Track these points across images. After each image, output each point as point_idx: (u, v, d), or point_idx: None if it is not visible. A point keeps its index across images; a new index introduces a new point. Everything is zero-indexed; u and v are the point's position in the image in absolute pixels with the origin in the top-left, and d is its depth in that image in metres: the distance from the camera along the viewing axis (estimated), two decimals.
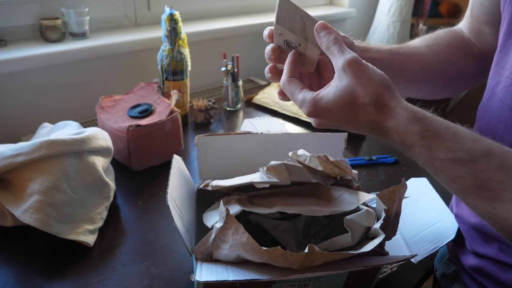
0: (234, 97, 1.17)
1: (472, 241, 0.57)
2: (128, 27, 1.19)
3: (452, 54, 0.62)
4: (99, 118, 0.88)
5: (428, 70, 0.59)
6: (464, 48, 0.62)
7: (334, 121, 0.42)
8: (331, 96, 0.40)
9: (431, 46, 0.61)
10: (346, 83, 0.39)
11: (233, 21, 1.37)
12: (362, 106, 0.39)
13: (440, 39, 0.62)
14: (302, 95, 0.43)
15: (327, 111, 0.41)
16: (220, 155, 0.68)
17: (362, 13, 1.89)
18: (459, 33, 0.64)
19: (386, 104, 0.39)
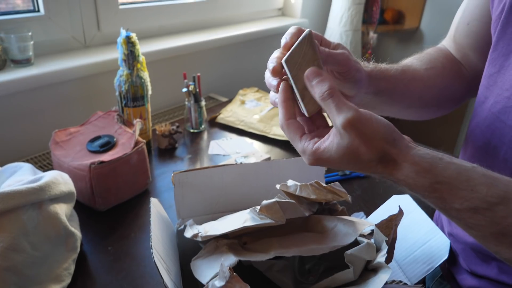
0: (198, 118, 1.12)
1: (469, 261, 0.57)
2: (77, 49, 1.10)
3: (447, 78, 0.61)
4: (54, 156, 0.80)
5: (425, 96, 0.59)
6: (455, 69, 0.62)
7: (338, 166, 0.41)
8: (333, 152, 0.39)
9: (429, 70, 0.60)
10: (348, 142, 0.38)
11: (189, 38, 1.32)
12: (367, 161, 0.38)
13: (435, 61, 0.62)
14: (302, 146, 0.41)
15: (330, 163, 0.40)
16: (199, 191, 0.63)
17: (315, 23, 1.91)
18: (449, 54, 0.64)
19: (392, 160, 0.38)
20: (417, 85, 0.58)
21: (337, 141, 0.38)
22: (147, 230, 0.74)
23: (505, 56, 0.48)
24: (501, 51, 0.48)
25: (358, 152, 0.38)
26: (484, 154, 0.50)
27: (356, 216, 0.74)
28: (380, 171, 0.38)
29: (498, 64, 0.49)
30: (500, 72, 0.48)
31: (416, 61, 0.61)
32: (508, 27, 0.47)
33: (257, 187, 0.66)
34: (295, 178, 0.66)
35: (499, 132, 0.47)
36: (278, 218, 0.48)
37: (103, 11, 1.12)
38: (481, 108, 0.53)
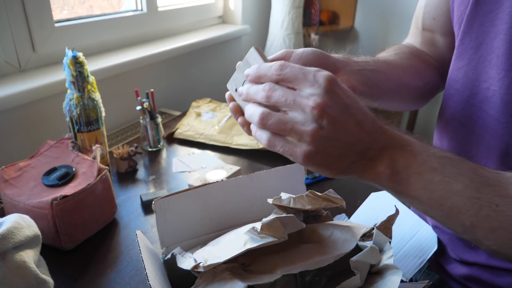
0: (155, 136, 1.07)
1: (457, 250, 0.59)
2: (12, 74, 1.00)
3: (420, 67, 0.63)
4: (4, 196, 0.71)
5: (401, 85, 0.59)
6: (426, 60, 0.64)
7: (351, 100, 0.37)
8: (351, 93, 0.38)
9: (405, 60, 0.61)
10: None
11: (132, 53, 1.26)
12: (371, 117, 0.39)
13: (408, 53, 0.63)
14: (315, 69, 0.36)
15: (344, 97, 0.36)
16: (182, 215, 0.59)
17: (256, 29, 1.92)
18: (415, 47, 0.66)
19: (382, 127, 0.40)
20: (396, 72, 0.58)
21: None
22: (123, 263, 0.69)
23: (474, 49, 0.50)
24: (468, 44, 0.51)
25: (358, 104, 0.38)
26: (467, 144, 0.52)
27: (338, 218, 0.75)
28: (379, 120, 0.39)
29: (467, 58, 0.51)
30: (470, 65, 0.51)
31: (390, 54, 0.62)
32: (474, 22, 0.49)
33: (241, 202, 0.64)
34: (277, 188, 0.65)
35: (482, 121, 0.49)
36: (280, 235, 0.46)
37: (37, 31, 1.03)
38: (452, 100, 0.55)
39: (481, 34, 0.48)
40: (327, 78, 0.35)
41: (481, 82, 0.49)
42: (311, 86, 0.35)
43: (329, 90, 0.35)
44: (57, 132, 0.99)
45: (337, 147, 0.37)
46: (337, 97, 0.35)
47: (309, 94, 0.35)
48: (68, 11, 1.28)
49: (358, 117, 0.37)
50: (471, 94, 0.51)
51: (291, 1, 1.73)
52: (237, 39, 1.78)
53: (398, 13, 2.03)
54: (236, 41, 1.78)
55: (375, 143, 0.38)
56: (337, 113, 0.35)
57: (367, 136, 0.37)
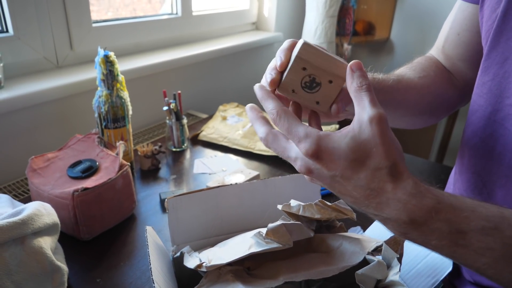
0: (180, 137, 1.09)
1: (472, 272, 0.57)
2: (50, 70, 1.05)
3: (440, 86, 0.62)
4: (31, 184, 0.74)
5: (419, 104, 0.58)
6: (446, 77, 0.63)
7: (332, 170, 0.36)
8: (343, 143, 0.35)
9: (423, 78, 0.60)
10: (367, 137, 0.35)
11: (165, 55, 1.29)
12: (374, 168, 0.35)
13: (428, 70, 0.62)
14: (304, 128, 0.37)
15: (332, 154, 0.35)
16: (194, 215, 0.60)
17: (289, 37, 1.92)
18: (439, 63, 0.65)
19: (400, 172, 0.35)
20: (412, 94, 0.57)
21: (353, 134, 0.35)
22: (136, 258, 0.70)
23: (499, 65, 0.48)
24: (494, 59, 0.49)
25: (371, 152, 0.34)
26: (487, 162, 0.50)
27: (353, 231, 0.73)
28: (380, 185, 0.35)
29: (492, 73, 0.50)
30: (495, 80, 0.49)
31: (409, 70, 0.61)
32: (502, 36, 0.47)
33: (253, 207, 0.64)
34: (291, 196, 0.65)
35: (503, 139, 0.47)
36: (285, 241, 0.46)
37: (75, 30, 1.08)
38: (475, 116, 0.53)
39: (507, 49, 0.47)
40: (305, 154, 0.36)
41: (504, 98, 0.47)
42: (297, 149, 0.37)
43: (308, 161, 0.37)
44: (86, 127, 1.03)
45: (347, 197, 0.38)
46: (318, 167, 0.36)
47: (294, 157, 0.38)
48: (113, 13, 1.33)
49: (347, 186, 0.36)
50: (493, 111, 0.49)
51: (326, 10, 1.72)
52: (269, 46, 1.79)
53: (436, 26, 1.97)
54: (268, 48, 1.79)
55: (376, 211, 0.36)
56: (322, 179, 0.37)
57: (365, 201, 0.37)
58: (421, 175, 1.04)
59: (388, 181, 0.34)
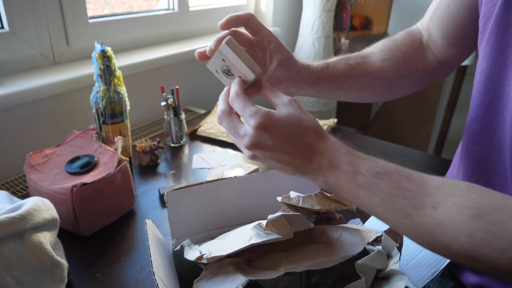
0: (178, 132, 1.09)
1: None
2: (46, 66, 1.05)
3: (404, 67, 0.65)
4: (30, 180, 0.74)
5: (375, 87, 0.64)
6: (417, 56, 0.65)
7: (278, 138, 0.43)
8: (283, 114, 0.44)
9: (386, 61, 0.64)
10: (293, 110, 0.45)
11: (163, 50, 1.29)
12: (305, 129, 0.45)
13: (397, 51, 0.65)
14: (255, 108, 0.44)
15: (277, 125, 0.44)
16: (193, 209, 0.60)
17: (286, 31, 1.92)
18: (417, 39, 0.66)
19: (322, 133, 0.46)
20: (366, 79, 0.63)
21: (284, 109, 0.45)
22: (136, 253, 0.70)
23: (498, 51, 0.47)
24: (493, 46, 0.48)
25: (300, 119, 0.44)
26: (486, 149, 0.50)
27: (353, 223, 0.73)
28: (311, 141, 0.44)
29: (491, 60, 0.49)
30: (494, 67, 0.48)
31: (377, 50, 0.65)
32: (503, 22, 0.46)
33: (253, 200, 0.64)
34: (290, 188, 0.65)
35: (502, 127, 0.47)
36: (285, 232, 0.46)
37: (72, 26, 1.07)
38: (474, 103, 0.53)
39: (508, 36, 0.46)
40: (255, 126, 0.43)
41: (505, 86, 0.47)
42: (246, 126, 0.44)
43: (256, 134, 0.43)
44: (84, 123, 1.03)
45: (273, 165, 0.46)
46: (265, 137, 0.43)
47: (243, 134, 0.44)
48: (109, 10, 1.33)
49: (287, 148, 0.44)
50: (494, 98, 0.48)
51: (323, 4, 1.72)
52: None
53: None
54: None
55: (309, 164, 0.44)
56: (266, 149, 0.44)
57: (300, 161, 0.44)
58: (420, 168, 1.04)
59: (315, 137, 0.45)
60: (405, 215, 0.40)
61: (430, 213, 0.38)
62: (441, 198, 0.39)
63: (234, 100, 0.46)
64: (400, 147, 1.14)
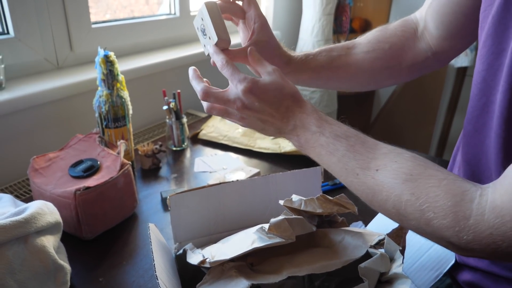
0: (180, 136, 1.09)
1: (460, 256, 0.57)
2: (50, 71, 1.05)
3: (389, 59, 0.66)
4: (33, 184, 0.75)
5: (357, 78, 0.66)
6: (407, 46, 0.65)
7: (262, 100, 0.50)
8: (267, 81, 0.51)
9: (370, 53, 0.66)
10: (275, 77, 0.51)
11: (164, 55, 1.30)
12: (285, 95, 0.51)
13: (383, 42, 0.66)
14: (243, 75, 0.50)
15: (262, 89, 0.50)
16: (196, 212, 0.61)
17: (286, 35, 1.92)
18: (410, 28, 0.66)
19: (299, 99, 0.52)
20: (348, 70, 0.66)
21: (268, 77, 0.51)
22: (139, 257, 0.71)
23: (494, 55, 0.47)
24: (490, 48, 0.48)
25: (282, 85, 0.51)
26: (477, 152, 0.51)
27: (355, 226, 0.74)
28: (290, 104, 0.50)
29: (487, 63, 0.49)
30: (489, 71, 0.48)
31: (364, 41, 0.67)
32: (500, 25, 0.46)
33: (255, 203, 0.64)
34: (292, 191, 0.65)
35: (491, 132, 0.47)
36: (288, 236, 0.46)
37: (75, 31, 1.08)
38: (471, 105, 0.53)
39: (505, 40, 0.46)
40: (244, 90, 0.49)
41: (497, 91, 0.47)
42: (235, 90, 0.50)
43: (245, 97, 0.50)
44: (87, 127, 1.03)
45: (258, 125, 0.52)
46: (252, 100, 0.50)
47: (234, 98, 0.50)
48: (111, 15, 1.33)
49: (269, 110, 0.50)
50: (487, 102, 0.48)
51: (322, 8, 1.73)
52: None
53: None
54: None
55: (287, 125, 0.51)
56: (253, 110, 0.50)
57: (280, 121, 0.51)
58: None
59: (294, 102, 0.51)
60: (354, 174, 0.46)
61: (373, 174, 0.44)
62: (384, 163, 0.44)
63: (224, 67, 0.52)
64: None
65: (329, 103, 1.89)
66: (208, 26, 0.54)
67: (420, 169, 0.43)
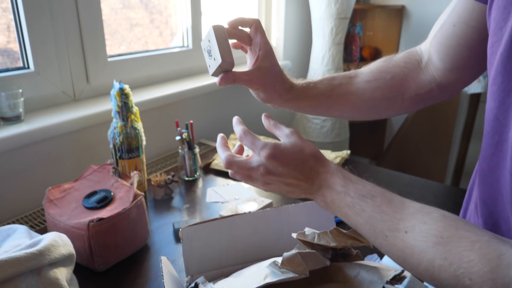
0: (192, 166, 1.10)
1: None
2: (67, 103, 1.09)
3: (390, 89, 0.66)
4: (48, 215, 0.76)
5: (359, 108, 0.67)
6: (410, 77, 0.64)
7: (286, 165, 0.49)
8: (287, 144, 0.51)
9: (371, 82, 0.66)
10: (294, 139, 0.51)
11: (177, 86, 1.33)
12: (307, 156, 0.51)
13: (385, 72, 0.66)
14: (263, 141, 0.50)
15: (284, 153, 0.50)
16: (207, 245, 0.60)
17: (297, 64, 1.96)
18: (413, 60, 0.66)
19: (322, 158, 0.52)
20: (348, 99, 0.66)
21: (287, 140, 0.51)
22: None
23: (505, 92, 0.46)
24: (500, 86, 0.47)
25: (302, 146, 0.51)
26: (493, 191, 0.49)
27: (370, 259, 0.72)
28: (314, 165, 0.50)
29: (498, 100, 0.48)
30: (501, 108, 0.47)
31: (367, 70, 0.67)
32: (508, 62, 0.45)
33: (268, 235, 0.64)
34: (305, 223, 0.64)
35: (505, 172, 0.46)
36: (301, 271, 0.46)
37: (92, 65, 1.12)
38: (485, 142, 0.52)
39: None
40: (267, 156, 0.49)
41: (510, 129, 0.46)
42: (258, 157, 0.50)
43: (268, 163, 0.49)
44: (102, 157, 1.05)
45: (283, 189, 0.52)
46: (275, 165, 0.49)
47: (257, 165, 0.50)
48: (126, 47, 1.38)
49: (293, 173, 0.50)
50: (500, 140, 0.47)
51: (332, 38, 1.76)
52: None
53: None
54: None
55: (312, 186, 0.51)
56: (277, 175, 0.50)
57: (305, 183, 0.51)
58: (436, 199, 1.03)
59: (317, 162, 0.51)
60: (383, 236, 0.45)
61: (402, 236, 0.43)
62: (412, 224, 0.43)
63: (243, 137, 0.52)
64: (416, 178, 1.12)
65: (341, 131, 1.89)
66: (213, 47, 0.56)
67: (451, 231, 0.41)
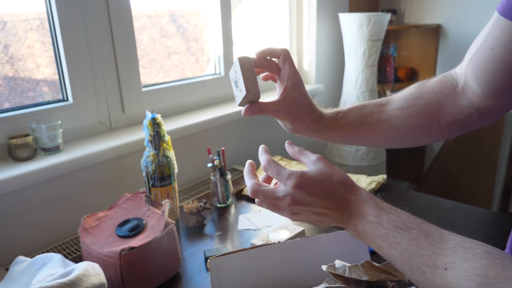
0: (225, 192, 1.10)
1: None
2: (103, 133, 1.13)
3: (424, 116, 0.63)
4: (83, 243, 0.77)
5: (392, 135, 0.64)
6: (446, 103, 0.61)
7: (314, 194, 0.47)
8: (314, 172, 0.49)
9: (404, 109, 0.63)
10: (322, 166, 0.49)
11: (209, 113, 1.35)
12: (336, 183, 0.49)
13: (419, 99, 0.63)
14: (289, 170, 0.48)
15: (311, 182, 0.48)
16: (236, 275, 0.59)
17: (330, 88, 1.94)
18: (448, 85, 0.62)
19: (352, 185, 0.50)
20: (380, 127, 0.64)
21: (314, 167, 0.49)
22: None
23: None
24: None
25: (330, 173, 0.49)
26: None
27: None
28: (343, 192, 0.48)
29: None
30: None
31: (399, 97, 0.64)
32: None
33: (297, 266, 0.62)
34: (337, 254, 0.62)
35: None
36: None
37: (127, 95, 1.16)
38: None
39: None
40: (293, 186, 0.47)
41: None
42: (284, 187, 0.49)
43: (295, 192, 0.48)
44: (134, 186, 1.07)
45: (312, 218, 0.50)
46: (302, 195, 0.48)
47: (284, 195, 0.48)
48: (164, 74, 1.43)
49: (322, 202, 0.48)
50: None
51: (365, 60, 1.74)
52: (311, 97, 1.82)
53: None
54: None
55: (342, 215, 0.48)
56: (305, 204, 0.48)
57: (335, 212, 0.48)
58: (481, 226, 0.96)
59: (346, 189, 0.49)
60: (419, 272, 0.42)
61: (441, 273, 0.41)
62: (453, 260, 0.41)
63: (268, 167, 0.51)
64: (459, 204, 1.06)
65: (377, 154, 1.84)
66: (239, 79, 0.56)
67: (497, 270, 0.38)
